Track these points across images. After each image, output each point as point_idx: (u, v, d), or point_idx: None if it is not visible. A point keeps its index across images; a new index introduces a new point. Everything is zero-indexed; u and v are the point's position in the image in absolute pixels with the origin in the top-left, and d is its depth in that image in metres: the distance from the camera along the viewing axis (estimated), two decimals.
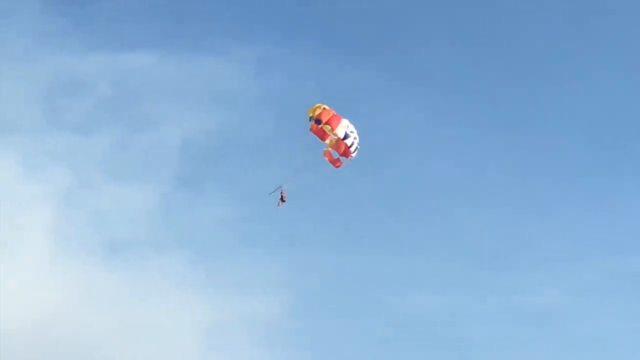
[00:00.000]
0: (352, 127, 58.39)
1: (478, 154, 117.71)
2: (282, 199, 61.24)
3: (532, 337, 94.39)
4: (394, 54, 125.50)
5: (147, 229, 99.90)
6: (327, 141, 58.47)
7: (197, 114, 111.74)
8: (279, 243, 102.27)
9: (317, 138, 58.36)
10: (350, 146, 58.33)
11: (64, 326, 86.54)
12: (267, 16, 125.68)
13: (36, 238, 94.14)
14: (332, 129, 57.67)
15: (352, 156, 58.88)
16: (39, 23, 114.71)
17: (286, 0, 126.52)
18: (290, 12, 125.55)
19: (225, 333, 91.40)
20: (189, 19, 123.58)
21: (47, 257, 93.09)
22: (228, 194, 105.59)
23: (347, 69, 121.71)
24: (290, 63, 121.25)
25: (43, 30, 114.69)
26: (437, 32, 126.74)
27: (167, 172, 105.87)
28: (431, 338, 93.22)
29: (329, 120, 57.59)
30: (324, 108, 57.84)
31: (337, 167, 59.14)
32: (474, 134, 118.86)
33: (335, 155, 58.91)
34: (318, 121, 57.83)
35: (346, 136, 58.05)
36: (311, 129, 58.11)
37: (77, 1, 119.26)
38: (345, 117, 58.44)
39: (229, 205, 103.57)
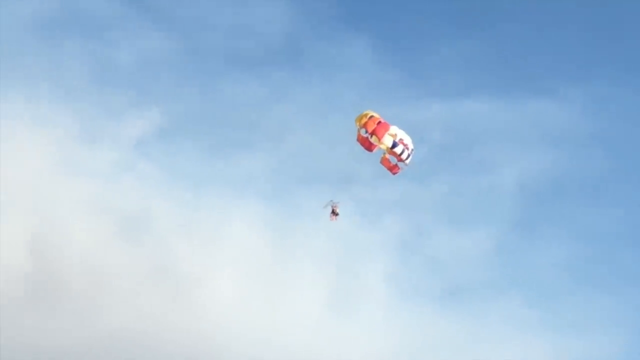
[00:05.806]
0: (401, 134, 55.50)
1: None
2: (334, 213, 60.29)
3: None
4: None
5: (483, 273, 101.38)
6: (384, 147, 55.49)
7: (530, 156, 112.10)
8: (614, 282, 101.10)
9: (364, 149, 56.00)
10: (401, 154, 55.49)
11: None
12: (593, 54, 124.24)
13: (375, 286, 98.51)
14: (379, 139, 54.93)
15: (407, 162, 55.99)
16: (371, 73, 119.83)
17: (613, 35, 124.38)
18: (617, 48, 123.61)
19: None
20: (518, 62, 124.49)
21: (386, 304, 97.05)
22: (564, 235, 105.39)
23: None
24: (619, 100, 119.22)
25: (376, 80, 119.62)
26: None
27: (503, 216, 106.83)
28: None
29: (374, 130, 54.83)
30: (371, 116, 55.23)
31: (395, 173, 56.65)
32: None
33: (394, 161, 56.25)
34: (365, 131, 55.31)
35: (394, 145, 55.16)
36: (357, 139, 55.83)
37: (408, 50, 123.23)
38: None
39: (565, 246, 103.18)
